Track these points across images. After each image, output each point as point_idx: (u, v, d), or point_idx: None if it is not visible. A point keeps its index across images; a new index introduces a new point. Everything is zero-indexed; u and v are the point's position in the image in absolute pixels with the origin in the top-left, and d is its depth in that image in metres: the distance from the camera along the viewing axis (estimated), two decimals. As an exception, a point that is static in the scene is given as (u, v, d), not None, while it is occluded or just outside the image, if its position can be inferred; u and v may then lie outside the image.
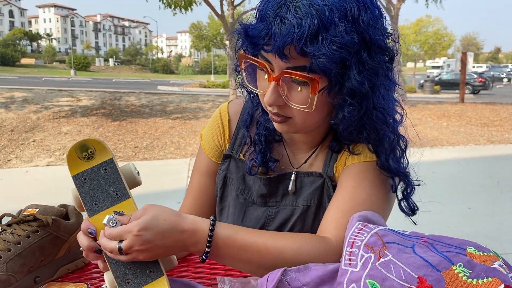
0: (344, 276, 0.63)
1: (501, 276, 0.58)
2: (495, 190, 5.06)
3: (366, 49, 0.76)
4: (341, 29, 0.72)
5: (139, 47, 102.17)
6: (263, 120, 0.97)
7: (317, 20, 0.71)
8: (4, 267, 0.77)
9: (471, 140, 8.99)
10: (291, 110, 0.81)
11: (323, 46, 0.71)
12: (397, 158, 0.87)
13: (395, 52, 0.83)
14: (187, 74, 58.83)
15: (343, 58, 0.73)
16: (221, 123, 1.05)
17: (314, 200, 0.94)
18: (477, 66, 53.22)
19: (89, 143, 0.78)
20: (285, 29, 0.72)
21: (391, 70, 0.84)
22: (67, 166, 0.76)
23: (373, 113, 0.80)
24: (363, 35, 0.74)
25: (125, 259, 0.71)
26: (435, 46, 37.09)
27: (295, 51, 0.73)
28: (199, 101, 14.13)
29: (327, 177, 0.93)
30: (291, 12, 0.72)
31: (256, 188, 0.98)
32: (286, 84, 0.79)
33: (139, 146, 8.28)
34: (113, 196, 0.77)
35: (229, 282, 0.80)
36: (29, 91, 14.50)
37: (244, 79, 0.88)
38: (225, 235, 0.75)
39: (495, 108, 14.71)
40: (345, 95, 0.77)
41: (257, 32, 0.76)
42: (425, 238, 0.67)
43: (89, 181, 0.76)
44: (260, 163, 0.95)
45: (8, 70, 46.04)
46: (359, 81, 0.75)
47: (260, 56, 0.80)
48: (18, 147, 8.01)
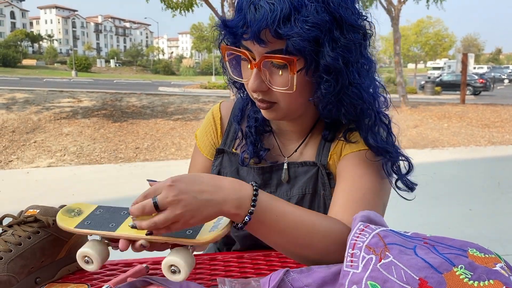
0: (346, 277, 0.63)
1: (502, 279, 0.58)
2: (496, 191, 5.05)
3: (338, 27, 0.80)
4: (312, 9, 0.77)
5: (140, 48, 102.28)
6: (252, 112, 1.02)
7: (288, 3, 0.76)
8: (5, 268, 0.77)
9: (472, 141, 8.98)
10: (275, 95, 0.86)
11: (295, 26, 0.76)
12: (376, 134, 0.90)
13: (368, 33, 0.86)
14: (188, 75, 58.88)
15: (315, 36, 0.77)
16: (214, 122, 1.10)
17: (309, 188, 0.97)
18: (478, 67, 53.17)
19: (71, 207, 0.80)
20: (259, 15, 0.77)
21: (365, 47, 0.86)
22: (63, 226, 0.76)
23: (349, 88, 0.83)
24: (333, 14, 0.79)
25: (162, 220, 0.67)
26: (436, 47, 37.05)
27: (270, 35, 0.78)
28: (200, 102, 14.14)
29: (321, 165, 0.96)
30: (263, 0, 0.77)
31: (250, 179, 1.00)
32: (267, 69, 0.84)
33: (140, 147, 8.28)
34: (122, 214, 0.79)
35: (229, 283, 0.80)
36: (31, 92, 14.52)
37: (229, 71, 0.92)
38: (267, 198, 0.76)
39: (496, 109, 14.69)
40: (321, 72, 0.81)
41: (235, 22, 0.81)
42: (427, 240, 0.67)
43: (92, 221, 0.76)
44: (251, 154, 0.99)
45: (10, 71, 46.10)
46: (332, 58, 0.79)
47: (241, 46, 0.84)
48: (19, 148, 8.02)
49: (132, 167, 6.67)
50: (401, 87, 15.07)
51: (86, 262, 0.74)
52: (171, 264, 0.70)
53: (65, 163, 7.13)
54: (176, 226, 0.69)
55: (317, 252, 0.78)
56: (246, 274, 0.89)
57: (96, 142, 8.59)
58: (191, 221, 0.69)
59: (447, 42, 37.74)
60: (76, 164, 7.00)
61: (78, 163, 7.14)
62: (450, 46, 38.83)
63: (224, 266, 0.94)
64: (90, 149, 8.07)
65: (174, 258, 0.71)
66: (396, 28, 15.38)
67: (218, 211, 0.71)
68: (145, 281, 0.79)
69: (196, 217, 0.69)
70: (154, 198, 0.68)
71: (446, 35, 37.80)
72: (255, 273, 0.90)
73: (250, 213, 0.72)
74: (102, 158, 7.49)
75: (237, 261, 0.96)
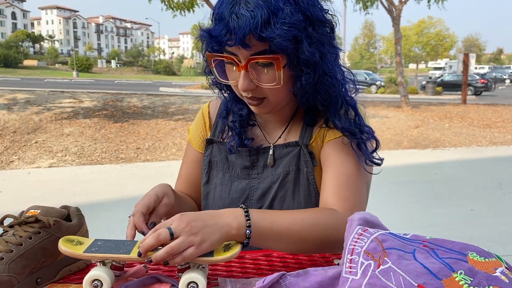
0: (345, 284, 0.63)
1: (502, 286, 0.58)
2: (497, 191, 5.04)
3: (311, 24, 0.89)
4: (287, 11, 0.85)
5: (141, 48, 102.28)
6: (237, 109, 1.12)
7: (266, 9, 0.84)
8: (6, 268, 0.77)
9: (473, 141, 8.97)
10: (263, 91, 0.95)
11: (276, 28, 0.84)
12: (340, 116, 1.00)
13: (334, 24, 0.95)
14: (189, 75, 58.86)
15: (294, 35, 0.86)
16: (203, 118, 1.22)
17: (292, 166, 1.06)
18: (479, 67, 53.07)
19: (70, 238, 0.81)
20: (242, 23, 0.84)
21: (333, 39, 0.96)
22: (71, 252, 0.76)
23: (325, 78, 0.94)
24: (305, 13, 0.88)
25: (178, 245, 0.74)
26: (437, 47, 37.03)
27: (254, 39, 0.86)
28: (201, 103, 14.14)
29: (303, 144, 1.05)
30: (243, 8, 0.85)
31: (239, 162, 1.11)
32: (254, 69, 0.92)
33: (141, 147, 8.29)
34: (127, 243, 0.81)
35: (230, 283, 0.80)
36: (32, 92, 14.53)
37: (216, 76, 1.01)
38: (256, 212, 0.85)
39: (498, 109, 14.68)
40: (301, 66, 0.91)
41: (218, 31, 0.88)
42: (426, 243, 0.67)
43: (99, 248, 0.78)
44: (237, 143, 1.09)
45: (11, 72, 46.15)
46: (310, 52, 0.89)
47: (225, 52, 0.92)
48: (20, 149, 8.03)
49: (133, 167, 6.67)
50: (402, 87, 15.06)
51: (95, 286, 0.75)
52: (191, 281, 0.75)
53: (66, 163, 7.14)
54: (190, 251, 0.74)
55: (315, 242, 0.87)
56: (247, 274, 0.89)
57: (97, 142, 8.60)
58: (203, 246, 0.75)
59: (448, 42, 37.73)
60: (77, 165, 7.01)
61: (79, 163, 7.15)
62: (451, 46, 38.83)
63: (226, 266, 0.94)
64: (91, 149, 8.08)
65: (195, 275, 0.75)
66: (397, 28, 15.36)
67: (224, 235, 0.79)
68: (153, 278, 0.80)
69: (207, 241, 0.76)
70: (169, 228, 0.75)
71: (447, 35, 37.79)
72: (256, 273, 0.90)
73: (249, 226, 0.81)
74: (103, 158, 7.50)
75: (238, 261, 0.96)
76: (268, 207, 1.07)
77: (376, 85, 25.67)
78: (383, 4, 15.55)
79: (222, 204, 1.11)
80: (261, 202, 1.08)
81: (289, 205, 1.06)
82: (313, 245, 0.88)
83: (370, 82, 26.12)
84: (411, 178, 5.61)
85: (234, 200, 1.10)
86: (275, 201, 1.07)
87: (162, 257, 0.74)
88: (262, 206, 1.08)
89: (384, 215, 1.13)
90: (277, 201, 1.07)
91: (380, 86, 25.30)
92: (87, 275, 0.75)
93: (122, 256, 0.76)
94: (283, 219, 0.86)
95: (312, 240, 0.86)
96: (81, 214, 0.95)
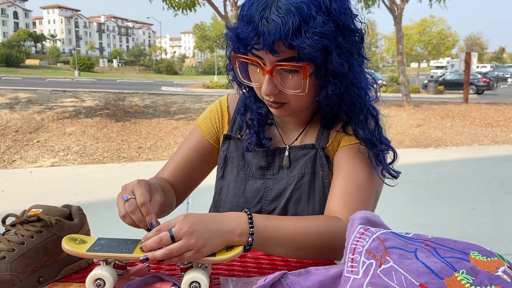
0: (347, 283, 0.62)
1: (505, 285, 0.58)
2: (499, 190, 5.03)
3: (341, 34, 0.87)
4: (319, 20, 0.83)
5: (143, 48, 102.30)
6: (255, 107, 1.10)
7: (298, 17, 0.82)
8: (8, 267, 0.78)
9: (475, 140, 8.96)
10: (286, 96, 0.94)
11: (306, 38, 0.83)
12: (364, 127, 0.98)
13: (363, 32, 0.93)
14: (191, 74, 58.90)
15: (325, 45, 0.85)
16: (221, 109, 1.19)
17: (308, 169, 1.05)
18: (481, 66, 52.95)
19: (73, 237, 0.81)
20: (272, 28, 0.82)
21: (362, 48, 0.95)
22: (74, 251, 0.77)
23: (351, 88, 0.93)
24: (337, 22, 0.86)
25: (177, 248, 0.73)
26: (439, 46, 36.98)
27: (283, 46, 0.84)
28: (202, 102, 14.15)
29: (319, 147, 1.04)
30: (274, 13, 0.83)
31: (255, 161, 1.10)
32: (279, 74, 0.91)
33: (143, 146, 8.29)
34: (130, 242, 0.81)
35: (232, 282, 0.80)
36: (34, 92, 14.55)
37: (239, 76, 0.99)
38: (261, 218, 0.84)
39: (500, 108, 14.65)
40: (329, 76, 0.89)
41: (246, 34, 0.86)
42: (428, 242, 0.66)
43: (102, 247, 0.79)
44: (255, 142, 1.08)
45: (13, 71, 46.23)
46: (339, 63, 0.87)
47: (251, 54, 0.90)
48: (22, 148, 8.04)
49: (135, 166, 6.68)
50: (404, 86, 15.04)
51: (97, 285, 0.75)
52: (193, 281, 0.75)
53: (68, 162, 7.15)
54: (189, 255, 0.75)
55: (318, 250, 0.87)
56: (249, 273, 0.89)
57: (99, 141, 8.61)
58: (203, 250, 0.75)
59: (450, 41, 37.66)
60: (79, 164, 7.02)
61: (81, 162, 7.16)
62: (453, 45, 38.77)
63: (227, 265, 0.94)
64: (93, 148, 8.09)
65: (198, 275, 0.75)
66: (399, 27, 15.34)
67: (226, 241, 0.79)
68: (155, 276, 0.80)
69: (207, 246, 0.76)
70: (170, 231, 0.75)
71: (449, 34, 37.72)
72: (258, 272, 0.90)
73: (251, 234, 0.80)
74: (105, 157, 7.51)
75: (240, 260, 0.96)
76: (282, 208, 1.05)
77: (378, 84, 25.65)
78: (384, 3, 15.53)
79: (236, 202, 1.10)
80: (275, 204, 1.06)
81: (304, 207, 1.04)
82: (316, 253, 0.88)
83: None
84: (413, 177, 5.61)
85: (249, 199, 1.09)
86: (289, 203, 1.05)
87: (160, 258, 0.74)
88: (276, 207, 1.06)
89: (385, 214, 1.13)
90: (292, 203, 1.05)
91: (382, 85, 25.25)
92: (90, 274, 0.75)
93: (125, 256, 0.76)
94: (287, 227, 0.85)
95: (315, 248, 0.86)
96: (83, 213, 0.95)
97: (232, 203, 1.10)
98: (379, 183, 1.02)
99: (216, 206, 1.15)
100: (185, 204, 4.23)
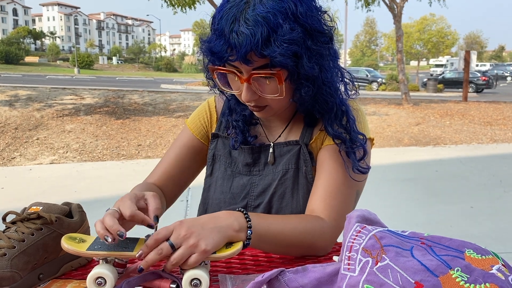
0: (343, 281, 0.63)
1: (498, 283, 0.58)
2: (498, 189, 5.05)
3: (310, 37, 0.90)
4: (287, 28, 0.86)
5: (142, 45, 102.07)
6: (239, 109, 1.13)
7: (266, 27, 0.85)
8: (9, 264, 0.78)
9: (474, 138, 8.97)
10: (266, 100, 0.98)
11: (276, 46, 0.85)
12: (334, 123, 1.02)
13: (332, 31, 0.96)
14: (190, 72, 58.80)
15: (294, 51, 0.88)
16: (209, 109, 1.22)
17: (292, 164, 1.08)
18: (481, 64, 52.98)
19: (72, 235, 0.82)
20: (243, 41, 0.85)
21: (332, 47, 0.97)
22: (74, 250, 0.77)
23: (323, 88, 0.97)
24: (304, 26, 0.88)
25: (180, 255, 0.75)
26: (438, 44, 36.95)
27: (255, 56, 0.87)
28: (202, 100, 14.14)
29: (303, 144, 1.08)
30: (243, 25, 0.85)
31: (241, 159, 1.13)
32: (256, 81, 0.94)
33: (142, 144, 8.29)
34: (129, 241, 0.82)
35: (230, 280, 0.81)
36: (33, 89, 14.54)
37: (219, 85, 1.03)
38: (254, 215, 0.87)
39: (499, 106, 14.66)
40: (301, 79, 0.93)
41: (219, 48, 0.89)
42: (424, 240, 0.67)
43: (101, 246, 0.79)
44: (241, 140, 1.11)
45: (12, 68, 46.16)
46: (310, 67, 0.90)
47: (227, 65, 0.94)
48: (22, 145, 8.04)
49: (135, 164, 6.68)
50: (403, 84, 15.04)
51: (98, 284, 0.76)
52: (194, 278, 0.76)
53: (67, 160, 7.15)
54: (194, 258, 0.76)
55: (303, 247, 0.93)
56: (247, 270, 0.90)
57: (98, 139, 8.61)
58: (206, 249, 0.76)
59: (449, 39, 37.64)
60: (79, 161, 7.02)
61: (81, 160, 7.16)
62: (452, 44, 38.74)
63: (226, 263, 0.94)
64: (92, 146, 8.09)
65: (198, 272, 0.76)
66: (399, 26, 15.33)
67: (225, 235, 0.80)
68: (155, 273, 0.81)
69: (208, 244, 0.76)
70: (169, 241, 0.76)
71: (448, 33, 37.70)
72: (256, 269, 0.91)
73: (249, 227, 0.83)
74: (105, 155, 7.51)
75: (238, 257, 0.97)
76: (267, 203, 1.08)
77: (377, 82, 25.64)
78: (384, 1, 15.51)
79: (223, 198, 1.13)
80: (260, 199, 1.09)
81: (288, 202, 1.07)
82: (301, 250, 0.94)
83: (371, 79, 26.09)
84: (412, 175, 5.62)
85: (235, 195, 1.12)
86: (274, 198, 1.08)
87: (168, 269, 0.76)
88: (261, 202, 1.09)
89: (384, 212, 1.14)
90: (276, 198, 1.08)
91: (381, 83, 25.27)
92: (91, 273, 0.76)
93: (126, 254, 0.77)
94: (278, 224, 0.90)
95: (300, 245, 0.93)
96: (83, 211, 0.96)
97: (220, 199, 1.14)
98: (359, 182, 1.05)
99: (205, 203, 1.19)
100: (184, 202, 4.24)
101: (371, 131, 1.14)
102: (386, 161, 6.49)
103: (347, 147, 1.02)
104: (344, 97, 1.04)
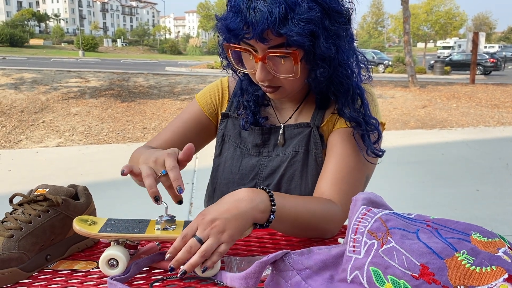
0: (348, 263, 0.63)
1: (505, 265, 0.58)
2: (504, 172, 5.03)
3: (327, 17, 0.88)
4: (305, 6, 0.85)
5: (147, 27, 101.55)
6: (252, 90, 1.13)
7: (284, 4, 0.84)
8: (16, 245, 0.79)
9: (481, 121, 8.91)
10: (280, 80, 0.96)
11: (293, 25, 0.84)
12: (350, 105, 1.01)
13: (350, 12, 0.94)
14: (195, 55, 58.59)
15: (311, 30, 0.87)
16: (221, 88, 1.21)
17: (302, 147, 1.07)
18: (489, 46, 52.25)
19: (83, 218, 0.82)
20: (260, 18, 0.84)
21: (349, 28, 0.96)
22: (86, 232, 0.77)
23: (339, 70, 0.96)
24: (322, 5, 0.87)
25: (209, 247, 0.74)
26: (446, 26, 36.48)
27: (272, 34, 0.87)
28: (206, 82, 14.10)
29: (314, 126, 1.07)
30: (260, 3, 0.85)
31: (251, 139, 1.12)
32: (271, 60, 0.93)
33: (148, 127, 8.31)
34: (140, 222, 0.83)
35: (235, 262, 0.81)
36: (38, 72, 14.55)
37: (233, 64, 1.03)
38: (279, 196, 0.85)
39: (506, 89, 14.51)
40: (317, 59, 0.92)
41: (235, 25, 0.88)
42: (430, 223, 0.67)
43: (113, 228, 0.79)
44: (251, 121, 1.11)
45: (17, 51, 46.12)
46: (327, 47, 0.89)
47: (243, 43, 0.92)
48: (28, 128, 8.08)
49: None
50: (410, 66, 14.90)
51: (111, 265, 0.77)
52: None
53: (73, 142, 7.19)
54: (223, 247, 0.75)
55: (316, 230, 0.92)
56: (252, 252, 0.91)
57: (104, 122, 8.63)
58: (233, 237, 0.76)
59: (457, 20, 37.11)
60: (84, 144, 7.05)
61: (86, 142, 7.19)
62: (461, 25, 38.22)
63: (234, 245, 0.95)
64: (98, 129, 8.12)
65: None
66: (406, 7, 15.12)
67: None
68: (162, 254, 0.82)
69: (236, 232, 0.76)
70: (196, 236, 0.75)
71: (457, 14, 37.16)
72: (261, 251, 0.91)
73: (273, 212, 0.82)
74: (110, 138, 7.54)
75: (244, 240, 0.98)
76: (276, 185, 1.08)
77: (384, 64, 25.39)
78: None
79: (232, 178, 1.13)
80: (269, 180, 1.09)
81: (297, 184, 1.07)
82: (313, 232, 0.93)
83: (378, 61, 25.82)
84: (418, 158, 5.60)
85: (244, 175, 1.12)
86: (283, 180, 1.08)
87: (197, 263, 0.73)
88: (270, 184, 1.09)
89: (390, 194, 1.14)
90: (285, 180, 1.08)
91: (388, 66, 25.02)
92: (103, 254, 0.77)
93: (138, 236, 0.77)
94: (298, 207, 0.88)
95: (314, 229, 0.92)
96: (89, 193, 0.96)
97: (228, 179, 1.13)
98: (369, 166, 1.05)
99: (213, 182, 1.18)
100: (190, 185, 4.26)
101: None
102: (392, 144, 6.46)
103: (362, 129, 1.00)
104: (359, 80, 1.03)
